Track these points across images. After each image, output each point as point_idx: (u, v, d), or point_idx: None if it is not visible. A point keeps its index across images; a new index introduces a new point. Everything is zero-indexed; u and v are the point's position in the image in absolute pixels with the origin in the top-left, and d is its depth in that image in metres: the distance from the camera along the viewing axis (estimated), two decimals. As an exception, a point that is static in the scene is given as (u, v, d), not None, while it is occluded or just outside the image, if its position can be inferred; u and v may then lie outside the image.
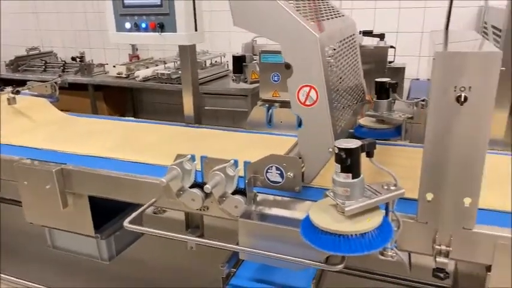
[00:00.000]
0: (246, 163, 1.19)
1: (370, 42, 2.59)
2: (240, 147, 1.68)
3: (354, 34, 1.55)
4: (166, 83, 3.69)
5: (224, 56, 4.06)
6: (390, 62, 2.76)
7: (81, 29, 4.97)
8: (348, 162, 0.95)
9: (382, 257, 1.09)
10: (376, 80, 1.65)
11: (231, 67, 3.21)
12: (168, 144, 1.74)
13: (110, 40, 1.71)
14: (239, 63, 2.31)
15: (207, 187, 1.12)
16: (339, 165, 0.96)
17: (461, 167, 0.97)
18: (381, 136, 1.65)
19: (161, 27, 1.61)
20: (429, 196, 1.02)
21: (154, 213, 2.86)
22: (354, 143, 0.95)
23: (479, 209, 1.00)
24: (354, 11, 3.61)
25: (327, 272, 1.29)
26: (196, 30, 1.63)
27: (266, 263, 1.18)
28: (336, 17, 1.42)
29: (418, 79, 3.39)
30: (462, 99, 0.91)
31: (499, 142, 1.59)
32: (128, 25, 1.66)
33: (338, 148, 0.95)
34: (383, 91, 1.63)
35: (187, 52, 1.92)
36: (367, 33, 3.04)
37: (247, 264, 1.31)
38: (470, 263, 1.11)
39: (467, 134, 0.94)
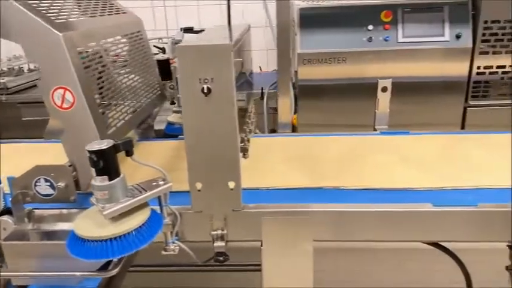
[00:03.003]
0: (9, 179, 1.07)
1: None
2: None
3: (139, 31, 1.53)
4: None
5: (44, 60, 3.69)
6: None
7: None
8: (101, 165, 0.91)
9: (165, 252, 1.10)
10: (177, 76, 1.66)
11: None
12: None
13: None
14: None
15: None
16: (93, 169, 0.92)
17: (219, 154, 1.02)
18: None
19: None
20: (198, 185, 1.06)
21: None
22: (105, 144, 0.92)
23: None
24: (178, 8, 3.63)
25: (122, 274, 1.25)
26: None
27: (46, 284, 1.09)
28: (111, 14, 1.37)
29: (244, 72, 3.57)
30: (206, 91, 0.96)
31: (287, 125, 1.75)
32: None
33: (88, 151, 0.91)
34: (184, 86, 1.65)
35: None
36: (188, 30, 3.09)
37: (31, 288, 1.19)
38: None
39: (217, 122, 0.99)
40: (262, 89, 2.55)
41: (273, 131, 2.46)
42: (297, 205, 1.10)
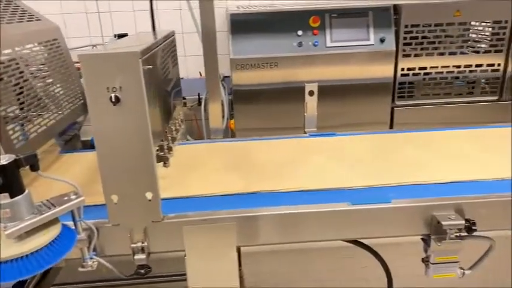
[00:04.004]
0: None
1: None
2: None
3: (55, 39, 1.46)
4: None
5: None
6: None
7: None
8: (0, 181, 0.86)
9: (83, 269, 1.05)
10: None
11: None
12: None
13: None
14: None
15: None
16: (-8, 186, 0.86)
17: (134, 164, 0.99)
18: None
19: None
20: (115, 198, 1.03)
21: None
22: (6, 159, 0.87)
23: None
24: (113, 14, 3.53)
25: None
26: None
27: None
28: (21, 21, 1.30)
29: (182, 78, 3.53)
30: (114, 100, 0.93)
31: (219, 131, 1.75)
32: None
33: (-17, 168, 0.85)
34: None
35: None
36: (122, 37, 3.01)
37: None
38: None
39: (128, 132, 0.96)
40: (199, 94, 2.54)
41: (213, 136, 2.46)
42: (218, 212, 1.09)
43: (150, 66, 0.98)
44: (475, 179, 1.25)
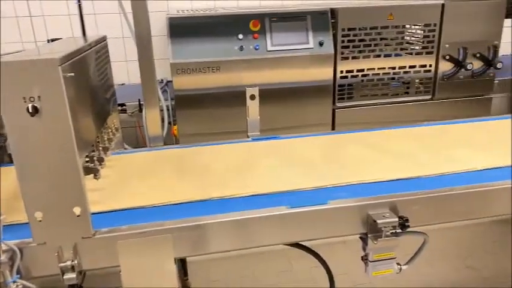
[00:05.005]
0: None
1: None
2: None
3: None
4: None
5: None
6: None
7: None
8: None
9: (5, 294, 0.97)
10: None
11: None
12: None
13: None
14: None
15: None
16: None
17: (58, 178, 0.93)
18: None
19: None
20: (39, 215, 0.96)
21: None
22: None
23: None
24: (47, 19, 3.34)
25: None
26: None
27: None
28: None
29: (123, 84, 3.42)
30: (31, 110, 0.86)
31: (159, 138, 1.69)
32: None
33: None
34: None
35: None
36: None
37: None
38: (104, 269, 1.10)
39: (50, 144, 0.90)
40: (139, 100, 2.45)
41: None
42: (153, 224, 1.05)
43: (73, 74, 0.92)
44: (413, 176, 1.29)
